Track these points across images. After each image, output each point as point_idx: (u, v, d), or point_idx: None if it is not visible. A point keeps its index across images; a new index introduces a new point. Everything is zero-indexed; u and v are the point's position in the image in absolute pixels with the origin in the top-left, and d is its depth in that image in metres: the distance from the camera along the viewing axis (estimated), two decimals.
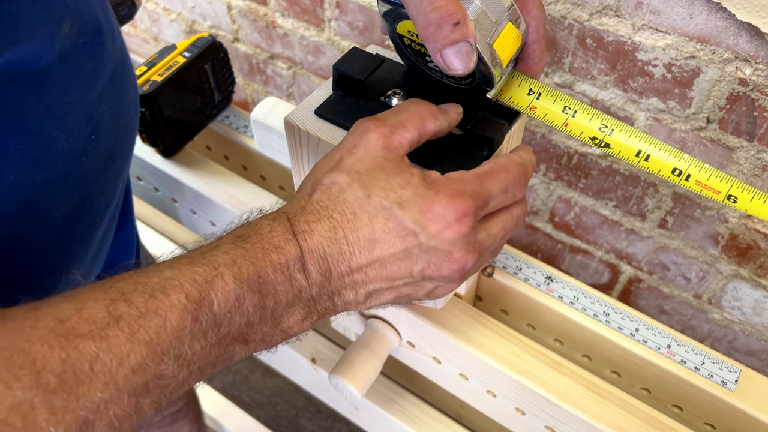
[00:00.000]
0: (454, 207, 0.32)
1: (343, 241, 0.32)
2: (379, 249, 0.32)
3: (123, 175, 0.44)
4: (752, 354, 0.82)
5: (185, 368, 0.28)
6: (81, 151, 0.35)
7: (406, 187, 0.32)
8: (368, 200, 0.32)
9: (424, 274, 0.33)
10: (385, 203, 0.32)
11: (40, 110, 0.31)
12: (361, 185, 0.32)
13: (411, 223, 0.32)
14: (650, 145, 0.37)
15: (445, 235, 0.32)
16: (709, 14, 0.56)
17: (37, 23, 0.29)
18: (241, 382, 1.29)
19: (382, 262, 0.33)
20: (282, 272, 0.31)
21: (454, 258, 0.33)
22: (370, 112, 0.41)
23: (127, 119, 0.41)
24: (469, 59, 0.34)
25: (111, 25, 0.38)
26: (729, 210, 0.69)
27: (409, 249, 0.32)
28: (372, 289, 0.34)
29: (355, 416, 0.81)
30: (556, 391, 0.48)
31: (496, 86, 0.38)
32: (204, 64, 0.62)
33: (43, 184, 0.33)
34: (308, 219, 0.32)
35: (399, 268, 0.33)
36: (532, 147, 0.80)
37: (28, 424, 0.22)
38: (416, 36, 0.38)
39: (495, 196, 0.34)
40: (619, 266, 0.86)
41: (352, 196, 0.32)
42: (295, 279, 0.31)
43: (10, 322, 0.24)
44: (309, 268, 0.32)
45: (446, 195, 0.32)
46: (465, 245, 0.33)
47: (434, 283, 0.35)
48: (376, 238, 0.32)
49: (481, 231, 0.34)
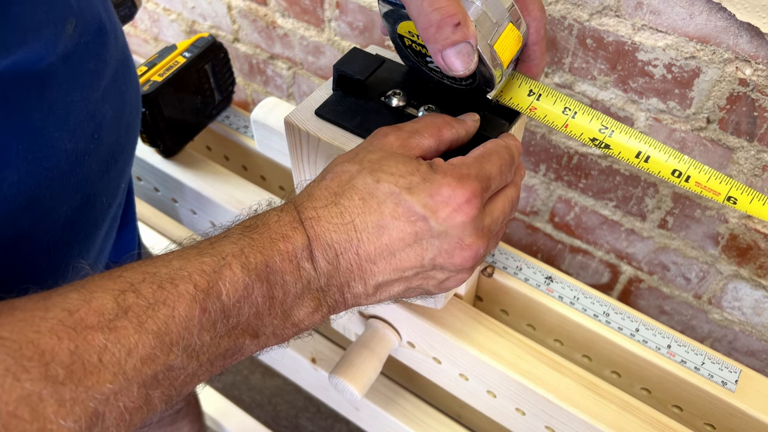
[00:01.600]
0: (462, 189, 0.32)
1: (351, 227, 0.32)
2: (388, 235, 0.32)
3: (125, 174, 0.44)
4: (752, 354, 0.82)
5: (195, 360, 0.28)
6: (83, 151, 0.35)
7: (415, 173, 0.32)
8: (377, 186, 0.32)
9: (435, 262, 0.33)
10: (394, 188, 0.32)
11: (43, 110, 0.32)
12: (371, 171, 0.32)
13: (420, 208, 0.32)
14: (650, 147, 0.37)
15: (456, 219, 0.32)
16: (709, 14, 0.56)
17: (43, 24, 0.29)
18: (241, 382, 1.29)
19: (391, 250, 0.32)
20: (290, 261, 0.31)
21: (465, 244, 0.33)
22: (370, 112, 0.41)
23: (129, 119, 0.41)
24: (469, 60, 0.34)
25: (113, 25, 0.38)
26: (729, 210, 0.69)
27: (419, 234, 0.32)
28: (381, 280, 0.33)
29: (355, 416, 0.81)
30: (556, 391, 0.48)
31: (496, 87, 0.38)
32: (204, 64, 0.62)
33: (46, 184, 0.33)
34: (315, 205, 0.32)
35: (408, 256, 0.33)
36: (532, 147, 0.80)
37: (37, 416, 0.22)
38: (417, 36, 0.38)
39: (494, 177, 0.34)
40: (619, 266, 0.86)
41: (361, 182, 0.32)
42: (303, 268, 0.31)
43: (19, 313, 0.24)
44: (316, 256, 0.31)
45: (453, 178, 0.32)
46: (475, 229, 0.33)
47: (445, 273, 0.34)
48: (385, 224, 0.32)
49: (486, 215, 0.34)
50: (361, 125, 0.40)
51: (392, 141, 0.34)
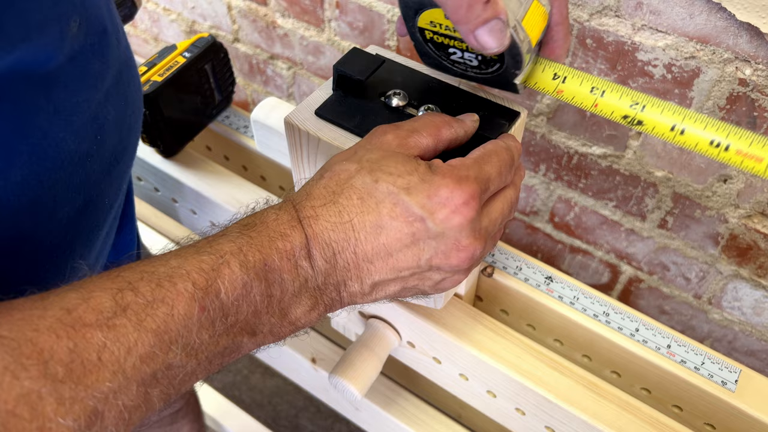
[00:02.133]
0: (461, 190, 0.32)
1: (349, 227, 0.32)
2: (386, 235, 0.32)
3: (126, 175, 0.44)
4: (752, 354, 0.82)
5: (193, 358, 0.28)
6: (86, 152, 0.35)
7: (413, 173, 0.32)
8: (375, 185, 0.32)
9: (432, 263, 0.33)
10: (392, 188, 0.32)
11: (48, 111, 0.32)
12: (369, 171, 0.32)
13: (418, 209, 0.32)
14: (685, 118, 0.35)
15: (453, 220, 0.32)
16: (709, 14, 0.56)
17: (48, 20, 0.29)
18: (241, 382, 1.29)
19: (388, 250, 0.32)
20: (288, 259, 0.31)
21: (462, 245, 0.33)
22: (370, 112, 0.41)
23: (131, 120, 0.41)
24: (503, 36, 0.33)
25: (116, 27, 0.38)
26: (729, 210, 0.69)
27: (416, 235, 0.32)
28: (378, 279, 0.33)
29: (355, 416, 0.81)
30: (556, 391, 0.48)
31: (524, 68, 0.37)
32: (204, 64, 0.62)
33: (49, 185, 0.33)
34: (314, 204, 0.32)
35: (405, 256, 0.33)
36: (532, 147, 0.80)
37: (36, 414, 0.22)
38: (439, 26, 0.37)
39: (493, 179, 0.34)
40: (619, 266, 0.86)
41: (360, 181, 0.32)
42: (300, 267, 0.31)
43: (17, 313, 0.24)
44: (314, 254, 0.31)
45: (452, 179, 0.32)
46: (472, 231, 0.33)
47: (441, 274, 0.34)
48: (383, 224, 0.32)
49: (484, 217, 0.34)
50: (360, 125, 0.40)
51: (390, 140, 0.34)
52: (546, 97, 0.73)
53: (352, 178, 0.33)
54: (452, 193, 0.32)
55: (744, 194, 0.66)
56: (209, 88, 0.65)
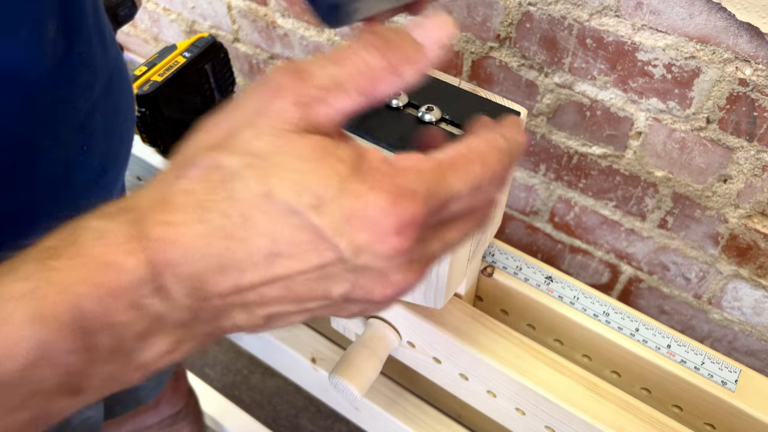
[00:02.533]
0: (395, 213, 0.21)
1: (227, 255, 0.21)
2: (282, 266, 0.22)
3: (117, 184, 0.43)
4: (752, 354, 0.82)
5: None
6: (73, 162, 0.35)
7: (329, 181, 0.21)
8: (268, 200, 0.21)
9: (348, 297, 0.24)
10: (294, 206, 0.21)
11: (32, 120, 0.31)
12: (259, 176, 0.21)
13: (331, 234, 0.21)
14: None
15: (378, 250, 0.22)
16: (709, 14, 0.56)
17: (21, 18, 0.28)
18: (241, 382, 1.29)
19: (286, 283, 0.23)
20: (119, 298, 0.21)
21: (390, 281, 0.23)
22: (368, 112, 0.41)
23: (122, 129, 0.40)
24: None
25: (104, 36, 0.37)
26: (729, 210, 0.69)
27: (326, 267, 0.22)
28: (273, 312, 0.24)
29: (355, 416, 0.81)
30: (556, 391, 0.48)
31: None
32: (204, 64, 0.62)
33: (30, 196, 0.33)
34: (169, 219, 0.21)
35: (310, 289, 0.23)
36: (532, 147, 0.80)
37: None
38: None
39: (459, 197, 0.23)
40: (619, 266, 0.86)
41: (244, 191, 0.21)
42: (144, 306, 0.22)
43: None
44: (170, 289, 0.22)
45: (386, 193, 0.21)
46: (405, 263, 0.23)
47: (361, 306, 0.25)
48: (279, 251, 0.22)
49: (431, 241, 0.24)
50: (359, 125, 0.40)
51: (287, 107, 0.22)
52: (546, 96, 0.73)
53: (229, 183, 0.22)
54: (383, 215, 0.21)
55: (744, 194, 0.66)
56: (209, 88, 0.65)
